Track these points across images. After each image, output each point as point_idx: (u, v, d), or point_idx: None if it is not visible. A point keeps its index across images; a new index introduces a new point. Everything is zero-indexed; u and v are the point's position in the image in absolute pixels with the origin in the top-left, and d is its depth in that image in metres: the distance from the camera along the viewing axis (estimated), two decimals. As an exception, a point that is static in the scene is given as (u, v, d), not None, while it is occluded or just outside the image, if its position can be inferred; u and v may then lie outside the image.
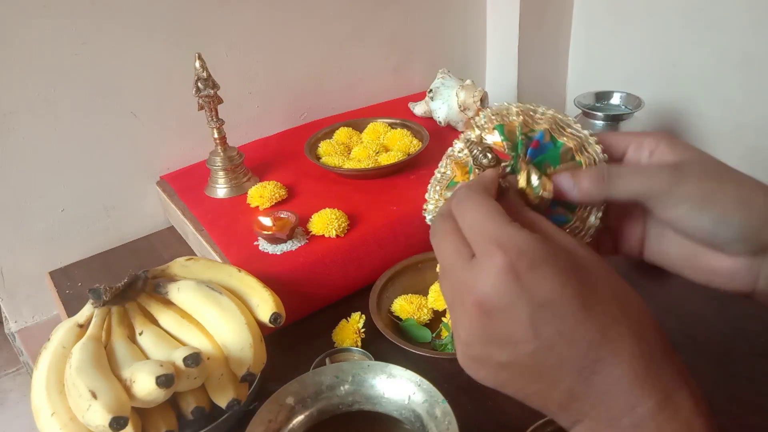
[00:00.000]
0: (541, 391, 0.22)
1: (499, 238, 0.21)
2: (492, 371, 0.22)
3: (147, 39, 0.61)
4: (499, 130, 0.27)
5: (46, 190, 0.61)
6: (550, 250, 0.21)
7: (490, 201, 0.23)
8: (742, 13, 0.70)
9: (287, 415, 0.37)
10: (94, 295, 0.41)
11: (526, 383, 0.22)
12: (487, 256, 0.21)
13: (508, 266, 0.20)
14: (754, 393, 0.41)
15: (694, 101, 0.79)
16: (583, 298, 0.20)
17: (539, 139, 0.26)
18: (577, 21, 0.89)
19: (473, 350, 0.22)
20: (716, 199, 0.23)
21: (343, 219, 0.53)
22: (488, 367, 0.22)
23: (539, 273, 0.20)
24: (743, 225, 0.23)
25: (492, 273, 0.21)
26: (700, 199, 0.23)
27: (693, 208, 0.23)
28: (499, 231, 0.21)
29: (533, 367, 0.21)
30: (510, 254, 0.20)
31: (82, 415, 0.34)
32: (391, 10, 0.79)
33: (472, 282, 0.21)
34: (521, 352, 0.21)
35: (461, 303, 0.22)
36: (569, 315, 0.20)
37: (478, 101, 0.68)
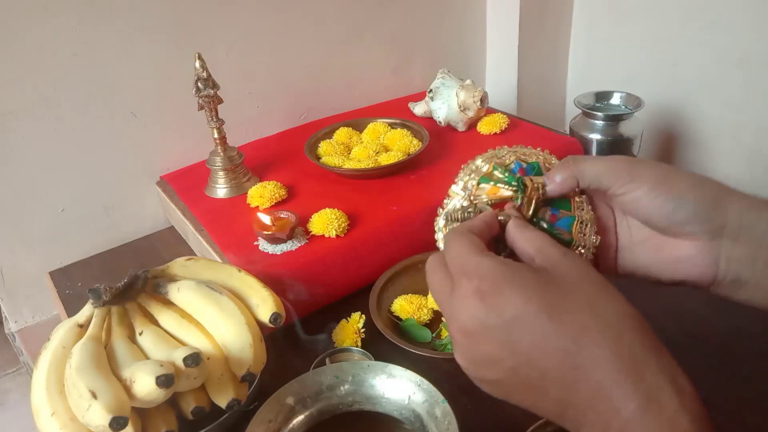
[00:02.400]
0: (536, 402, 0.23)
1: (465, 267, 0.23)
2: (491, 388, 0.24)
3: (147, 39, 0.61)
4: (483, 181, 0.30)
5: (46, 190, 0.61)
6: (513, 271, 0.23)
7: (467, 237, 0.25)
8: (742, 13, 0.70)
9: (287, 415, 0.37)
10: (94, 295, 0.41)
11: (522, 396, 0.23)
12: (458, 285, 0.23)
13: (474, 291, 0.22)
14: (754, 393, 0.41)
15: (694, 101, 0.79)
16: (549, 310, 0.22)
17: (521, 167, 0.30)
18: (577, 21, 0.89)
19: (470, 372, 0.24)
20: (671, 181, 0.26)
21: (343, 219, 0.53)
22: (485, 384, 0.24)
23: (502, 293, 0.22)
24: (696, 204, 0.26)
25: (464, 300, 0.23)
26: (655, 182, 0.26)
27: (650, 189, 0.26)
28: (467, 261, 0.23)
29: (520, 381, 0.22)
30: (473, 280, 0.23)
31: (82, 415, 0.34)
32: (391, 10, 0.79)
33: (451, 310, 0.23)
34: (505, 368, 0.22)
35: (450, 331, 0.24)
36: (537, 327, 0.22)
37: (478, 101, 0.68)
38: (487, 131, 0.70)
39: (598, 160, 0.28)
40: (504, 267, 0.23)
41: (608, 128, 0.69)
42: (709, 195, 0.26)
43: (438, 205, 0.33)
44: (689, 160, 0.82)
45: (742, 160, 0.76)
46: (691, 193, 0.26)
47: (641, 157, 0.30)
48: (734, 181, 0.27)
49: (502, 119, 0.70)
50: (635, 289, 0.56)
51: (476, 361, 0.23)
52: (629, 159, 0.28)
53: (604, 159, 0.28)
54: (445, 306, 0.24)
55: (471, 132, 0.71)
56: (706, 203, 0.26)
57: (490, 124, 0.70)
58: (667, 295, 0.52)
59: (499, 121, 0.70)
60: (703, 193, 0.26)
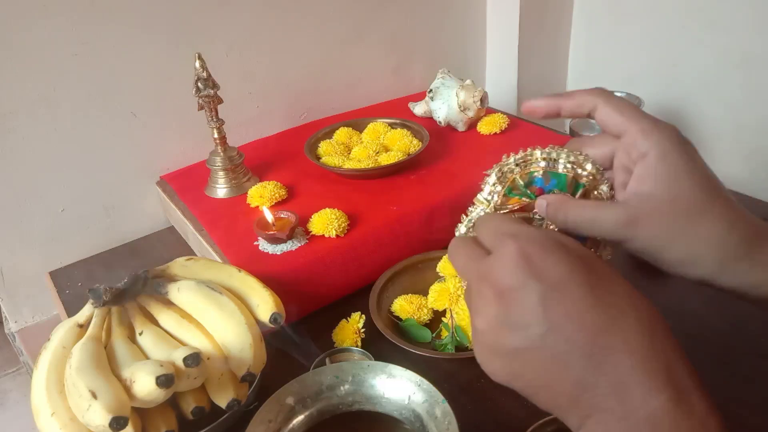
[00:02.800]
0: (550, 384, 0.22)
1: (511, 230, 0.23)
2: (505, 361, 0.23)
3: (147, 39, 0.61)
4: (508, 192, 0.29)
5: (46, 190, 0.61)
6: (562, 241, 0.22)
7: (505, 216, 0.25)
8: (742, 13, 0.70)
9: (287, 415, 0.37)
10: (94, 295, 0.41)
11: (537, 374, 0.22)
12: (501, 245, 0.23)
13: (519, 251, 0.22)
14: (754, 393, 0.41)
15: (694, 101, 0.79)
16: (591, 286, 0.21)
17: (540, 186, 0.28)
18: (577, 21, 0.89)
19: (487, 338, 0.23)
20: (662, 258, 0.25)
21: (343, 219, 0.53)
22: (501, 355, 0.23)
23: (550, 258, 0.22)
24: (685, 276, 0.25)
25: (506, 258, 0.22)
26: (647, 254, 0.25)
27: (643, 256, 0.25)
28: (512, 226, 0.23)
29: (543, 351, 0.21)
30: (521, 241, 0.22)
31: (82, 415, 0.34)
32: (391, 10, 0.79)
33: (487, 270, 0.23)
34: (532, 335, 0.21)
35: (479, 294, 0.23)
36: (578, 299, 0.21)
37: (478, 101, 0.68)
38: (487, 131, 0.70)
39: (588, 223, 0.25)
40: (553, 234, 0.23)
41: (608, 128, 0.69)
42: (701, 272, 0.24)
43: (438, 205, 0.33)
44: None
45: (742, 160, 0.76)
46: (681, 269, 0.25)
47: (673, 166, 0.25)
48: (734, 181, 0.27)
49: (502, 119, 0.70)
50: (636, 289, 0.55)
51: (501, 324, 0.22)
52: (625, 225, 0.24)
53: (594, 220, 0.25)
54: (477, 267, 0.23)
55: (471, 132, 0.71)
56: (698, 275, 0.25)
57: (490, 124, 0.70)
58: (667, 295, 0.52)
59: (499, 121, 0.70)
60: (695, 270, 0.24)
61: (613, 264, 0.26)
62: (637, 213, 0.25)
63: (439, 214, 0.56)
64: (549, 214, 0.26)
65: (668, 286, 0.53)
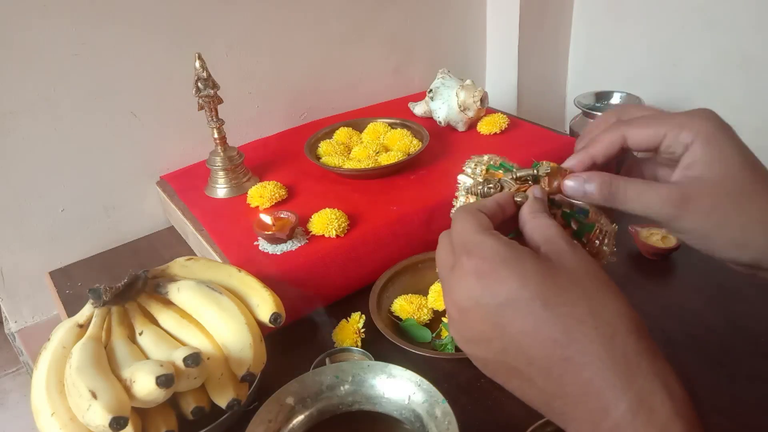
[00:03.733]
0: (522, 388, 0.22)
1: (467, 245, 0.23)
2: (480, 365, 0.24)
3: (147, 39, 0.61)
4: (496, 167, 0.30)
5: (46, 190, 0.61)
6: (513, 255, 0.22)
7: (474, 215, 0.24)
8: (743, 14, 0.70)
9: (287, 415, 0.37)
10: (94, 295, 0.41)
11: (507, 379, 0.23)
12: (458, 262, 0.23)
13: (472, 269, 0.22)
14: (754, 393, 0.41)
15: (694, 101, 0.79)
16: (544, 299, 0.21)
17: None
18: (577, 21, 0.89)
19: (463, 347, 0.24)
20: (711, 240, 0.24)
21: (343, 219, 0.53)
22: (478, 362, 0.24)
23: (500, 275, 0.22)
24: (734, 261, 0.25)
25: (461, 276, 0.22)
26: (697, 237, 0.25)
27: (691, 239, 0.25)
28: (470, 239, 0.23)
29: (508, 364, 0.22)
30: (474, 259, 0.22)
31: (82, 415, 0.34)
32: (391, 10, 0.79)
33: (449, 286, 0.23)
34: (494, 349, 0.22)
35: (446, 305, 0.24)
36: (530, 314, 0.21)
37: (478, 101, 0.68)
38: (487, 131, 0.70)
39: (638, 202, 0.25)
40: (505, 249, 0.22)
41: (608, 128, 0.69)
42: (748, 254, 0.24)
43: (437, 205, 0.33)
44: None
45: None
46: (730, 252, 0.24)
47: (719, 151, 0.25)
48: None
49: (502, 119, 0.70)
50: (636, 289, 0.55)
51: (467, 338, 0.23)
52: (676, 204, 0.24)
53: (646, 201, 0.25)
54: (444, 281, 0.24)
55: (471, 132, 0.71)
56: (744, 259, 0.24)
57: (490, 124, 0.70)
58: (667, 295, 0.52)
59: (499, 121, 0.70)
60: (741, 252, 0.24)
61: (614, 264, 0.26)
62: (688, 192, 0.24)
63: (439, 214, 0.56)
64: (595, 183, 0.25)
65: (668, 286, 0.53)
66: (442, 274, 0.24)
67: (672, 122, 0.25)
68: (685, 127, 0.25)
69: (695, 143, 0.25)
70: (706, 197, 0.24)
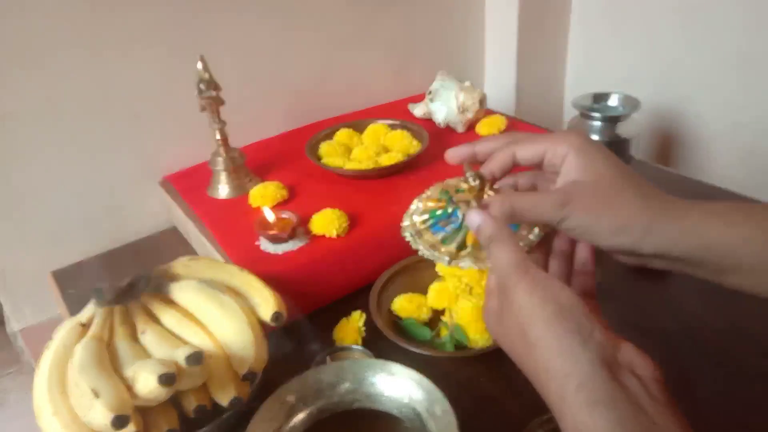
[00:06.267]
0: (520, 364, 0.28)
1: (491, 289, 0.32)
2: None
3: (150, 41, 0.61)
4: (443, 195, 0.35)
5: (49, 191, 0.61)
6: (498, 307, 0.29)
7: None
8: (740, 14, 0.70)
9: (288, 413, 0.37)
10: (96, 295, 0.42)
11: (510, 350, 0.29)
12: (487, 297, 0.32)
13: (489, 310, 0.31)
14: (754, 393, 0.42)
15: (691, 102, 0.79)
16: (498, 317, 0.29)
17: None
18: (576, 22, 0.90)
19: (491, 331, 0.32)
20: (593, 231, 0.29)
21: (343, 219, 0.53)
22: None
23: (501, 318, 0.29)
24: (616, 247, 0.29)
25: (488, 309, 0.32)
26: (582, 230, 0.29)
27: (578, 234, 0.30)
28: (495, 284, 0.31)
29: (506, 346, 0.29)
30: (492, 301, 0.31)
31: (84, 414, 0.35)
32: (391, 12, 0.79)
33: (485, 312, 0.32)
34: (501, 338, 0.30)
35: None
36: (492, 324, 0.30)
37: (477, 103, 0.68)
38: (486, 132, 0.70)
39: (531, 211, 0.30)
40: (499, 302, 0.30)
41: (606, 129, 0.70)
42: (628, 240, 0.28)
43: None
44: (686, 161, 0.83)
45: (740, 161, 0.76)
46: (612, 240, 0.29)
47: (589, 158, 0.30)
48: (731, 181, 0.28)
49: (500, 120, 0.71)
50: (636, 289, 0.55)
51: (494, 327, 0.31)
52: (559, 205, 0.29)
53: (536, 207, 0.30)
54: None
55: (470, 133, 0.72)
56: (625, 246, 0.29)
57: (489, 126, 0.70)
58: (667, 296, 0.52)
59: (498, 122, 0.70)
60: (623, 239, 0.28)
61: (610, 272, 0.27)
62: (570, 194, 0.29)
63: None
64: (497, 207, 0.30)
65: (668, 286, 0.53)
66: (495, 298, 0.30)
67: (550, 139, 0.31)
68: (560, 142, 0.31)
69: (569, 154, 0.30)
70: (584, 195, 0.29)
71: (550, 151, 0.31)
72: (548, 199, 0.29)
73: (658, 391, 0.24)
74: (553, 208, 0.29)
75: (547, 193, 0.31)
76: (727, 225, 0.27)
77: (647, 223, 0.28)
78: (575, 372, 0.24)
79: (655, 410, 0.23)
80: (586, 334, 0.25)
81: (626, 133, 0.69)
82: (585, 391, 0.23)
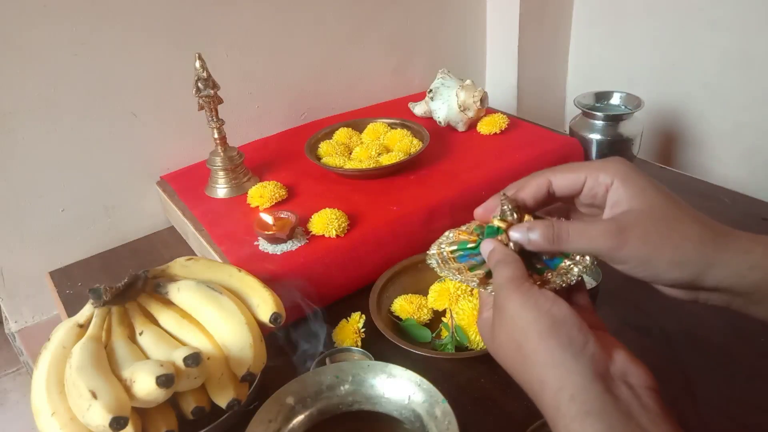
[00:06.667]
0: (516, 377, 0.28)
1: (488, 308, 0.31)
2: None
3: (147, 39, 0.61)
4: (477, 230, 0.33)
5: (46, 190, 0.61)
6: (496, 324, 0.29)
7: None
8: (742, 14, 0.70)
9: (287, 414, 0.37)
10: (94, 295, 0.41)
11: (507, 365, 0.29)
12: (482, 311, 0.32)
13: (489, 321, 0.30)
14: (754, 393, 0.41)
15: (693, 101, 0.79)
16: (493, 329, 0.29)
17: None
18: (577, 21, 0.89)
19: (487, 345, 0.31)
20: (652, 264, 0.27)
21: (343, 219, 0.53)
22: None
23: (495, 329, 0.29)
24: (675, 282, 0.27)
25: (482, 322, 0.31)
26: (638, 263, 0.27)
27: (633, 267, 0.27)
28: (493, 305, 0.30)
29: (500, 357, 0.29)
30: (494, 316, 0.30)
31: (83, 415, 0.34)
32: (391, 10, 0.79)
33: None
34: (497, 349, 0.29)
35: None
36: (486, 336, 0.30)
37: (478, 101, 0.68)
38: (487, 131, 0.70)
39: (582, 240, 0.28)
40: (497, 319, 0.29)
41: (608, 128, 0.69)
42: (687, 273, 0.27)
43: (438, 205, 0.33)
44: (688, 160, 0.82)
45: (742, 160, 0.76)
46: (670, 274, 0.27)
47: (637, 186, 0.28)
48: (733, 181, 0.27)
49: (501, 119, 0.70)
50: (636, 289, 0.55)
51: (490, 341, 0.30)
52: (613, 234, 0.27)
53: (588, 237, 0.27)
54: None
55: (471, 132, 0.71)
56: (684, 280, 0.27)
57: (490, 125, 0.70)
58: (667, 295, 0.52)
59: (499, 121, 0.70)
60: (682, 273, 0.27)
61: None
62: (623, 223, 0.27)
63: (439, 214, 0.56)
64: (540, 228, 0.29)
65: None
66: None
67: (590, 167, 0.29)
68: (602, 170, 0.29)
69: (615, 183, 0.28)
70: (639, 225, 0.27)
71: (591, 179, 0.29)
72: (600, 226, 0.27)
73: (651, 399, 0.24)
74: (606, 236, 0.27)
75: (599, 220, 0.28)
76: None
77: (711, 255, 0.26)
78: (567, 385, 0.24)
79: (647, 419, 0.23)
80: (579, 347, 0.25)
81: (628, 132, 0.69)
82: (577, 402, 0.24)
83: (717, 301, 0.28)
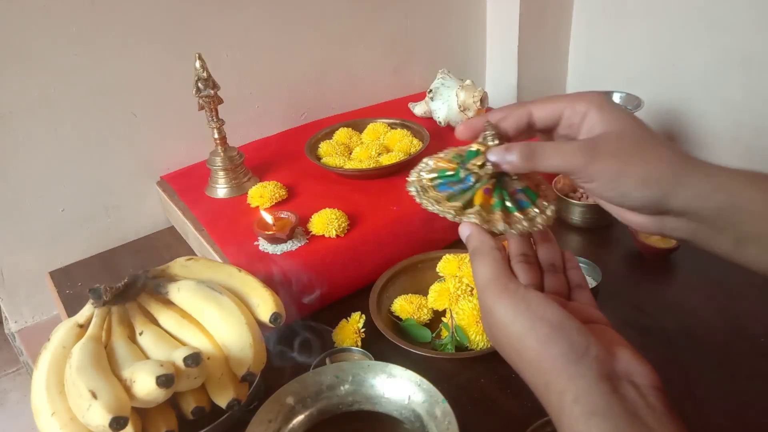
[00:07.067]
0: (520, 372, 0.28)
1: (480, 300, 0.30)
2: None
3: (147, 39, 0.61)
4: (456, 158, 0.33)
5: (47, 190, 0.61)
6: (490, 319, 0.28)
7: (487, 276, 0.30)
8: (743, 13, 0.70)
9: (287, 414, 0.37)
10: (94, 295, 0.41)
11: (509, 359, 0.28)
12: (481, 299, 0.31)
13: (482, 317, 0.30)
14: (754, 393, 0.41)
15: (694, 101, 0.79)
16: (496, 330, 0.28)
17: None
18: (577, 21, 0.89)
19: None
20: (621, 180, 0.27)
21: (343, 219, 0.53)
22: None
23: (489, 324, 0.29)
24: (644, 200, 0.28)
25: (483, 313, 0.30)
26: (608, 179, 0.28)
27: (603, 184, 0.28)
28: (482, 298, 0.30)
29: (504, 356, 0.28)
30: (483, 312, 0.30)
31: (82, 415, 0.34)
32: (390, 10, 0.79)
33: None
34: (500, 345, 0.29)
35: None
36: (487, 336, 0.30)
37: (478, 101, 0.68)
38: (487, 131, 0.70)
39: (556, 155, 0.28)
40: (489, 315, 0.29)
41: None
42: (656, 191, 0.27)
43: None
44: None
45: (742, 160, 0.76)
46: (639, 191, 0.27)
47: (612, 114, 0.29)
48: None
49: (502, 119, 0.70)
50: (636, 289, 0.55)
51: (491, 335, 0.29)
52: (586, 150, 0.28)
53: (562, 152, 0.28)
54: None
55: (471, 132, 0.71)
56: (652, 198, 0.27)
57: (490, 124, 0.70)
58: (667, 296, 0.52)
59: (499, 121, 0.70)
60: (650, 190, 0.27)
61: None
62: (596, 142, 0.28)
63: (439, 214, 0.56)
64: (517, 148, 0.29)
65: (668, 286, 0.53)
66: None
67: (568, 98, 0.30)
68: (580, 99, 0.30)
69: (590, 111, 0.29)
70: (611, 143, 0.28)
71: (569, 110, 0.30)
72: (574, 144, 0.28)
73: (656, 398, 0.24)
74: (580, 152, 0.28)
75: (572, 141, 0.29)
76: (754, 186, 0.27)
77: (678, 173, 0.27)
78: (571, 388, 0.24)
79: (653, 418, 0.23)
80: (581, 352, 0.25)
81: (627, 132, 0.69)
82: (581, 403, 0.24)
83: (683, 232, 0.28)
